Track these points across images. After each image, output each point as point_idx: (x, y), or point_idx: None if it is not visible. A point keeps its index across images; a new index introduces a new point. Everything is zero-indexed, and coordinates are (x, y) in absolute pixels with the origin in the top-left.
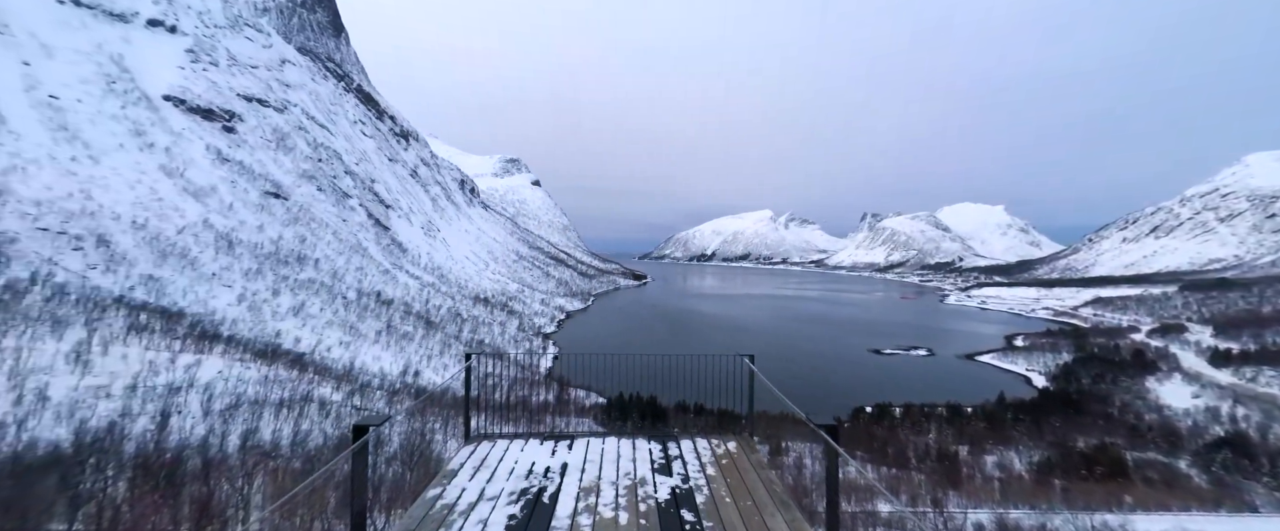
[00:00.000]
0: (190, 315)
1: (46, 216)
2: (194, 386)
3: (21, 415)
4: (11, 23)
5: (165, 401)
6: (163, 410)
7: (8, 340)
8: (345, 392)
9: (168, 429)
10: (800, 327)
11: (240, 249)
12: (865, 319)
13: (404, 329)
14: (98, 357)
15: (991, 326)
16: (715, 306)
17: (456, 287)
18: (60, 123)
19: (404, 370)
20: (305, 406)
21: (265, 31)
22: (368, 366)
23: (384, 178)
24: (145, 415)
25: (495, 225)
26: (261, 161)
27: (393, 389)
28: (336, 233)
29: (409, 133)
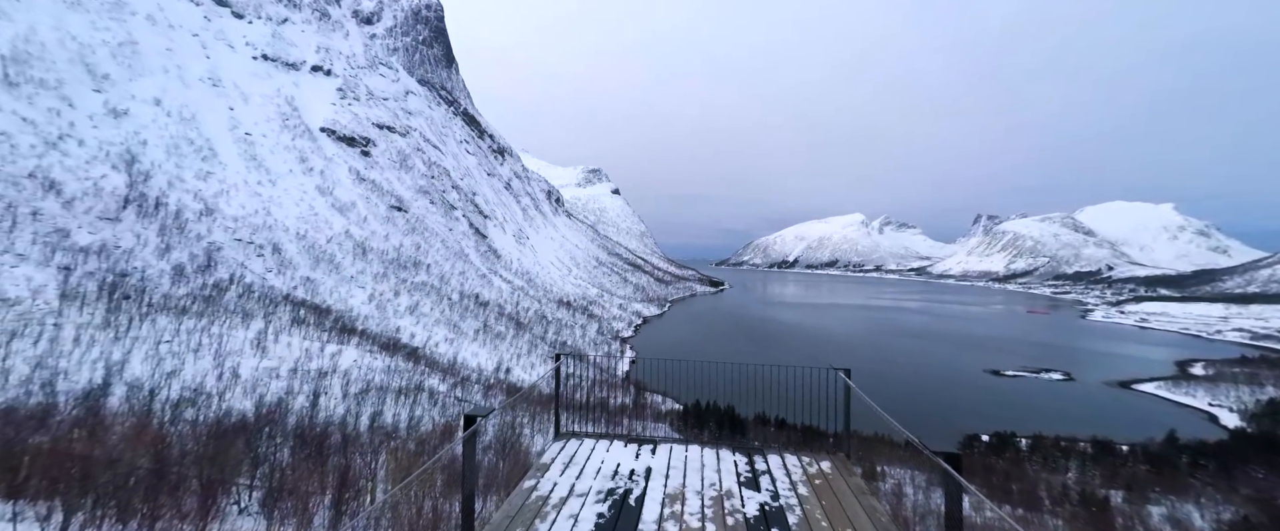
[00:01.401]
0: (335, 311)
1: (241, 230)
2: (336, 372)
3: (222, 388)
4: (224, 78)
5: (316, 383)
6: (314, 391)
7: (215, 327)
8: (449, 384)
9: (318, 407)
10: (899, 342)
11: (371, 255)
12: (981, 335)
13: (498, 329)
14: (271, 344)
15: (1156, 349)
16: (798, 316)
17: (542, 291)
18: (251, 154)
19: (497, 366)
20: (418, 394)
21: (394, 68)
22: (468, 361)
23: (483, 190)
24: (302, 394)
25: (577, 232)
26: (388, 180)
27: (488, 383)
28: (444, 241)
29: (504, 149)
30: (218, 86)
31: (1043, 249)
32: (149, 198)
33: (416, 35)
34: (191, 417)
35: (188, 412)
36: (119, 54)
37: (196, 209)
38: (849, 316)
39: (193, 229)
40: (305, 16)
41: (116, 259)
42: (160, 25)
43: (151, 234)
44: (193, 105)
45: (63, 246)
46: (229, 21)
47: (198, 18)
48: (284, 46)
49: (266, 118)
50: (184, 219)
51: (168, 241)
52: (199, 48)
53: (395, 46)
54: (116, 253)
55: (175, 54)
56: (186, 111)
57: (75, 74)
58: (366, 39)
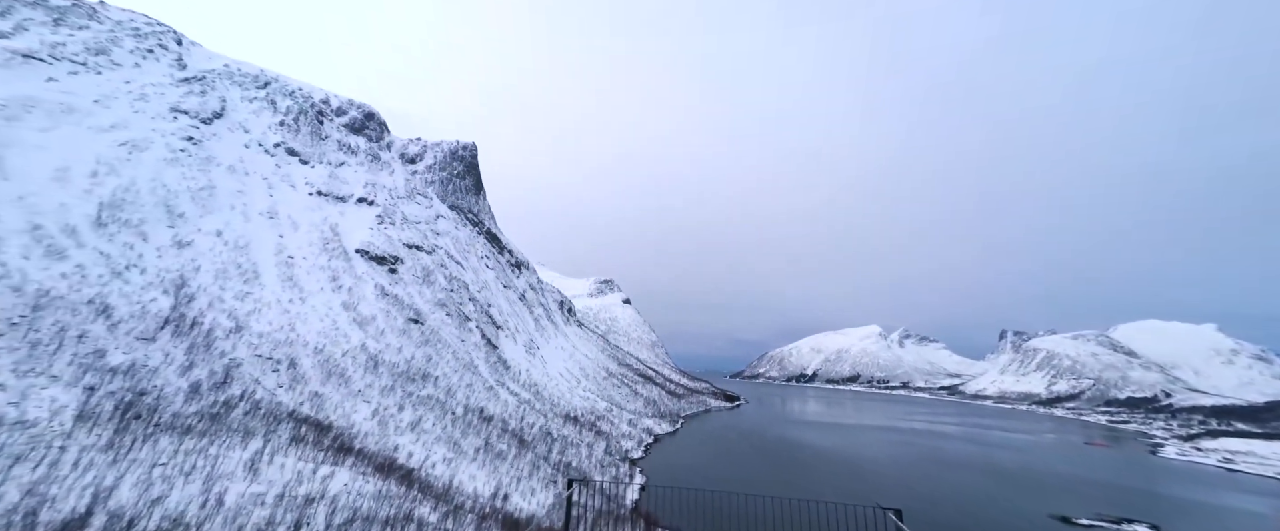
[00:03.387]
0: (336, 428)
1: (263, 345)
2: (324, 498)
3: (201, 519)
4: (280, 211)
5: (300, 512)
6: (296, 521)
7: (213, 448)
8: (440, 514)
9: None
10: (943, 475)
11: (382, 368)
12: (1039, 469)
13: (499, 447)
14: (264, 466)
15: (1257, 500)
16: (825, 438)
17: (549, 405)
18: (289, 275)
19: (495, 492)
20: (406, 526)
21: (429, 197)
22: (464, 485)
23: (499, 302)
24: (284, 525)
25: (588, 342)
26: (410, 294)
27: (483, 512)
28: (455, 352)
29: (522, 263)
30: (274, 219)
31: (1084, 369)
32: (187, 317)
33: (452, 170)
34: None
35: None
36: (197, 196)
37: (228, 326)
38: (882, 441)
39: (219, 346)
40: (360, 160)
41: (139, 378)
42: (237, 172)
43: (179, 352)
44: (248, 235)
45: (95, 367)
46: (295, 167)
47: (270, 165)
48: (338, 184)
49: (310, 243)
50: (213, 336)
51: (192, 359)
52: (266, 189)
53: (432, 179)
54: (142, 371)
55: (244, 194)
56: (241, 240)
57: (156, 214)
58: (408, 174)
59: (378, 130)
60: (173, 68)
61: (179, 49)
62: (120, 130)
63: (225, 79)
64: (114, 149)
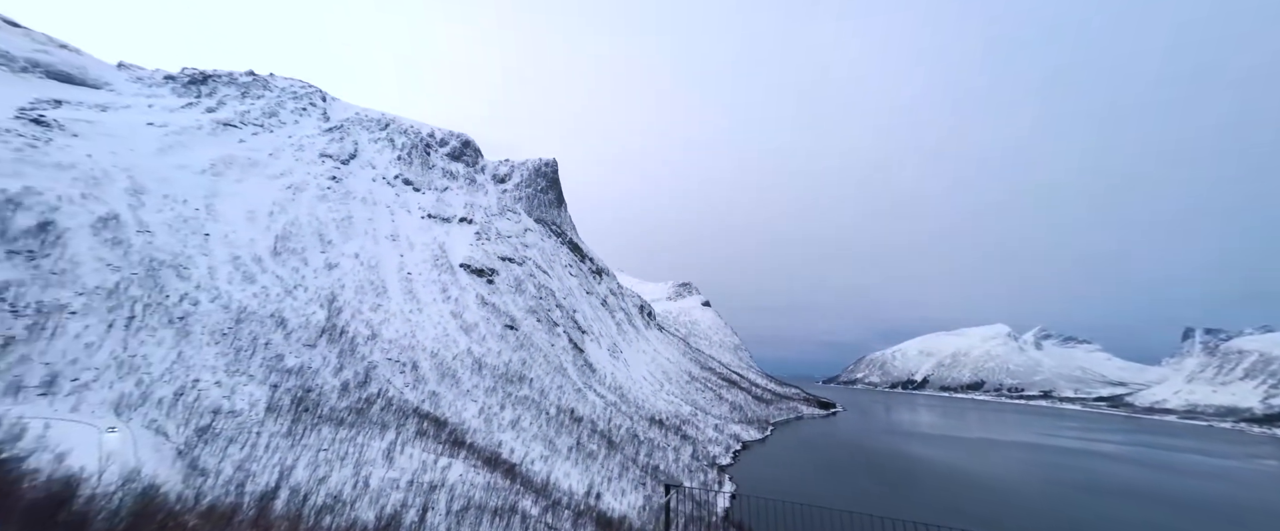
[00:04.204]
0: (451, 424)
1: (392, 350)
2: (444, 485)
3: (354, 497)
4: (400, 234)
5: (426, 497)
6: (423, 504)
7: (359, 437)
8: (541, 508)
9: (424, 523)
10: (1111, 507)
11: (485, 370)
12: (1261, 506)
13: (590, 447)
14: (397, 455)
15: None
16: (945, 453)
17: (634, 408)
18: (409, 289)
19: (588, 490)
20: (511, 516)
21: (518, 213)
22: (560, 482)
23: (583, 307)
24: (413, 508)
25: (669, 345)
26: (505, 302)
27: (578, 509)
28: (546, 356)
29: (602, 269)
30: (396, 240)
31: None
32: (336, 327)
33: (536, 185)
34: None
35: (326, 519)
36: (340, 225)
37: (366, 334)
38: (1021, 461)
39: (360, 350)
40: (460, 183)
41: (306, 377)
42: (367, 203)
43: (333, 356)
44: (377, 255)
45: (277, 368)
46: (410, 194)
47: (391, 195)
48: (443, 206)
49: (423, 259)
50: (356, 342)
51: (341, 362)
52: (388, 215)
53: (519, 196)
54: (308, 372)
55: (373, 221)
56: (373, 260)
57: (312, 242)
58: (500, 193)
59: (473, 155)
60: (320, 121)
61: (324, 104)
62: (287, 176)
63: (357, 125)
64: (283, 191)
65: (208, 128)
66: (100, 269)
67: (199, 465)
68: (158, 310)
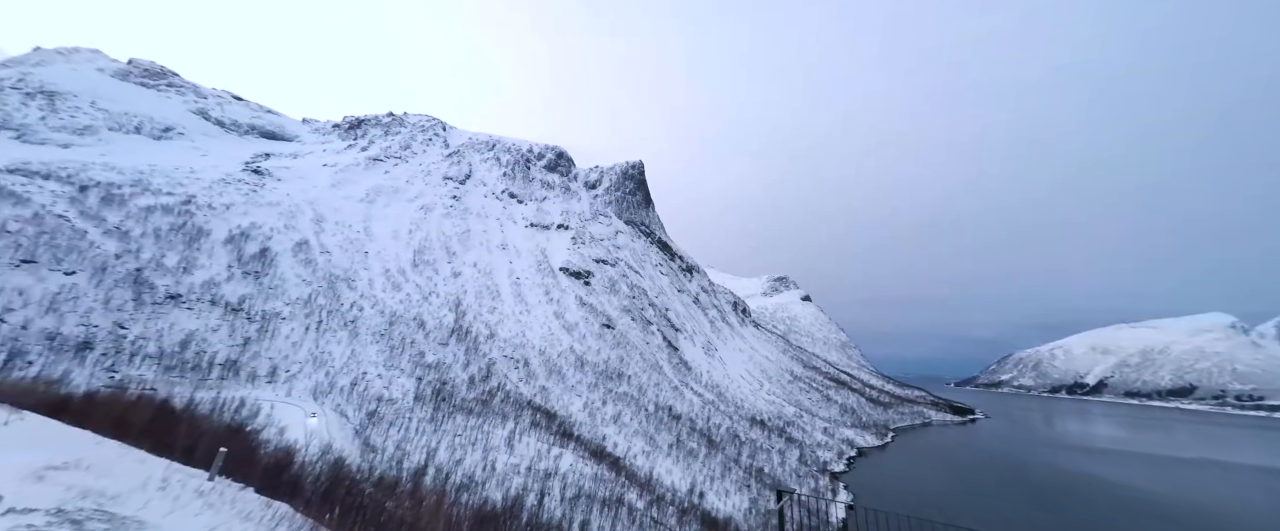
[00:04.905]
0: (559, 417)
1: (507, 348)
2: (557, 474)
3: (484, 478)
4: (508, 243)
5: (543, 484)
6: (541, 490)
7: (485, 426)
8: (646, 502)
9: (542, 507)
10: None
11: (587, 367)
12: None
13: (690, 445)
14: (516, 443)
15: None
16: (1144, 477)
17: (733, 407)
18: (518, 292)
19: (691, 488)
20: (619, 508)
21: (608, 216)
22: (662, 478)
23: (674, 306)
24: (532, 493)
25: (767, 343)
26: (602, 302)
27: (682, 506)
28: (642, 353)
29: (692, 266)
30: (505, 249)
31: None
32: (463, 327)
33: (624, 189)
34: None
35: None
36: (461, 238)
37: (486, 334)
38: (1270, 488)
39: (482, 348)
40: (556, 193)
41: (442, 371)
42: (480, 217)
43: (461, 353)
44: (491, 264)
45: (420, 363)
46: (514, 206)
47: (499, 208)
48: (542, 215)
49: (528, 265)
50: (478, 341)
51: (468, 358)
52: (498, 226)
53: (609, 200)
54: (443, 367)
55: (486, 233)
56: (488, 268)
57: (441, 255)
58: (592, 199)
59: (567, 165)
60: (442, 148)
61: (444, 133)
62: (419, 199)
63: (470, 148)
64: (417, 212)
65: (362, 163)
66: (299, 283)
67: (370, 443)
68: (336, 315)
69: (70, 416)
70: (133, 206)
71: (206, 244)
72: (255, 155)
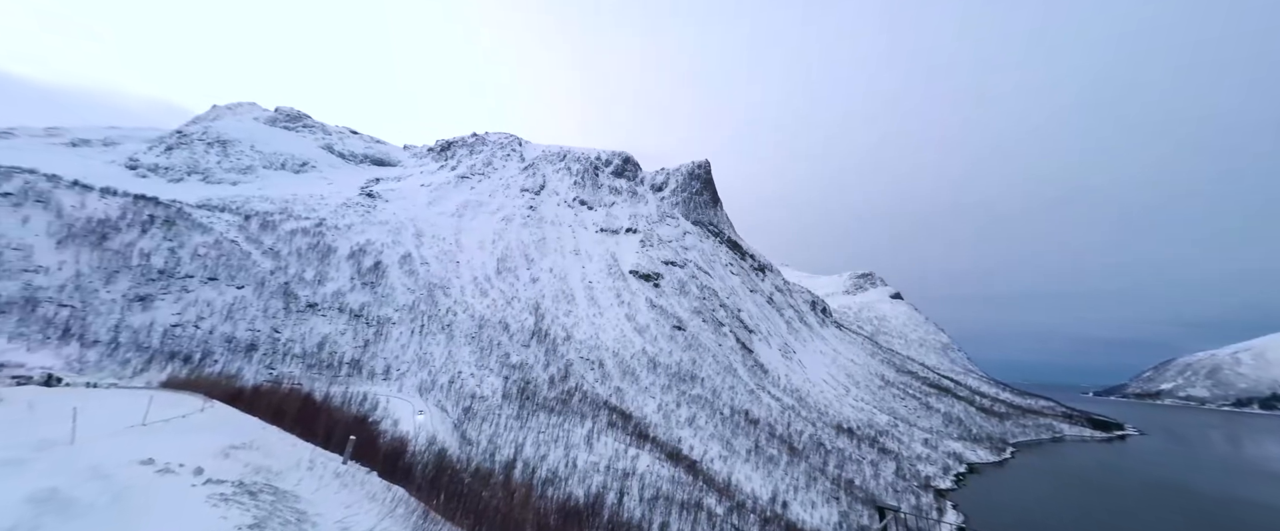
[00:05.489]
0: (635, 418)
1: (583, 349)
2: (635, 474)
3: (567, 474)
4: (580, 248)
5: (622, 483)
6: (620, 490)
7: (566, 424)
8: (726, 508)
9: (622, 505)
10: None
11: (659, 369)
12: None
13: (769, 451)
14: (595, 442)
15: None
16: None
17: (816, 413)
18: (591, 296)
19: (773, 497)
20: (697, 512)
21: (676, 218)
22: (741, 484)
23: (747, 306)
24: (612, 491)
25: (851, 345)
26: (671, 304)
27: (764, 515)
28: (715, 356)
29: (765, 265)
30: (578, 255)
31: None
32: (542, 330)
33: (691, 189)
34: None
35: (549, 490)
36: (537, 246)
37: (563, 336)
38: None
39: (560, 350)
40: (623, 197)
41: (525, 371)
42: (554, 224)
43: (542, 354)
44: (565, 269)
45: (506, 363)
46: (585, 213)
47: (571, 215)
48: (611, 219)
49: (599, 270)
50: (556, 343)
51: (548, 359)
52: (571, 233)
53: (676, 201)
54: (526, 367)
55: (560, 240)
56: (562, 273)
57: (521, 262)
58: (659, 201)
59: (633, 170)
60: (518, 162)
61: (520, 148)
62: (500, 211)
63: (543, 160)
64: (499, 223)
65: (452, 182)
66: (405, 292)
67: (466, 436)
68: (435, 320)
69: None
70: (281, 230)
71: (334, 259)
72: (368, 181)
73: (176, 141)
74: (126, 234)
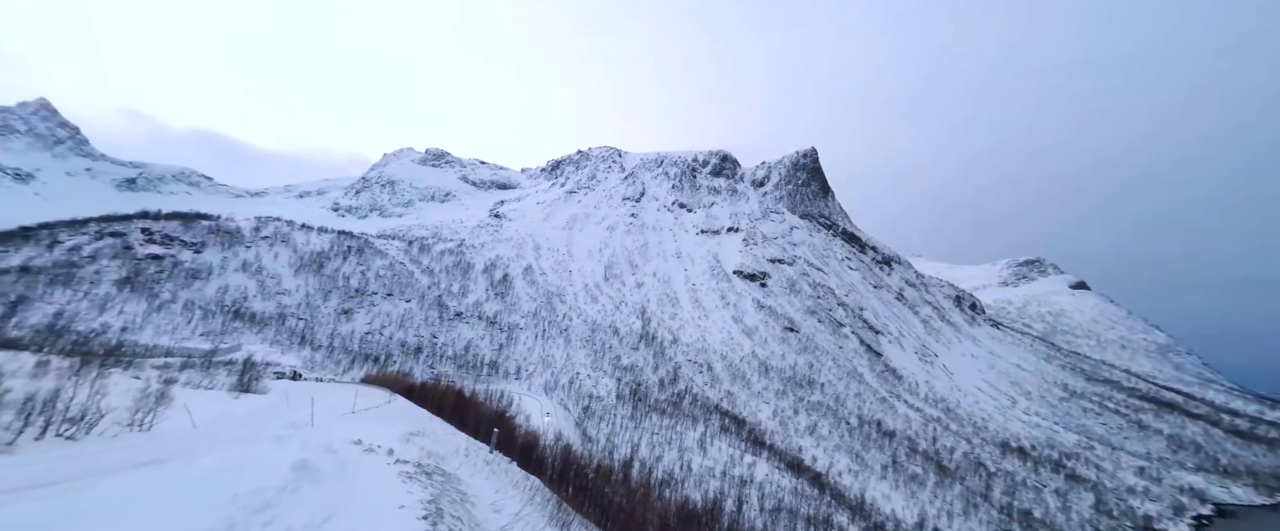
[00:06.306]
0: (748, 423)
1: (690, 352)
2: (753, 482)
3: (682, 476)
4: (682, 251)
5: (739, 490)
6: (738, 497)
7: (678, 427)
8: (861, 528)
9: (742, 514)
10: None
11: (772, 373)
12: None
13: (912, 469)
14: (709, 446)
15: None
16: None
17: (971, 428)
18: (695, 298)
19: (919, 522)
20: (826, 530)
21: (781, 212)
22: (879, 504)
23: (871, 305)
24: (730, 498)
25: (1015, 347)
26: (781, 304)
27: None
28: (835, 359)
29: (890, 258)
30: (680, 257)
31: None
32: (649, 333)
33: (797, 180)
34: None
35: (666, 491)
36: (640, 251)
37: (669, 339)
38: None
39: (667, 353)
40: (723, 196)
41: (636, 373)
42: (655, 230)
43: (650, 357)
44: (668, 272)
45: (618, 366)
46: (685, 215)
47: (671, 219)
48: (712, 220)
49: (702, 271)
50: (663, 346)
51: (657, 362)
52: (671, 237)
53: (780, 195)
54: (636, 369)
55: (661, 244)
56: (665, 276)
57: (626, 268)
58: (760, 196)
59: (732, 167)
60: (619, 172)
61: (620, 158)
62: (605, 220)
63: (642, 168)
64: (604, 232)
65: (562, 197)
66: (527, 300)
67: (588, 434)
68: (553, 325)
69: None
70: (434, 251)
71: (473, 274)
72: (495, 203)
73: (361, 186)
74: (334, 261)
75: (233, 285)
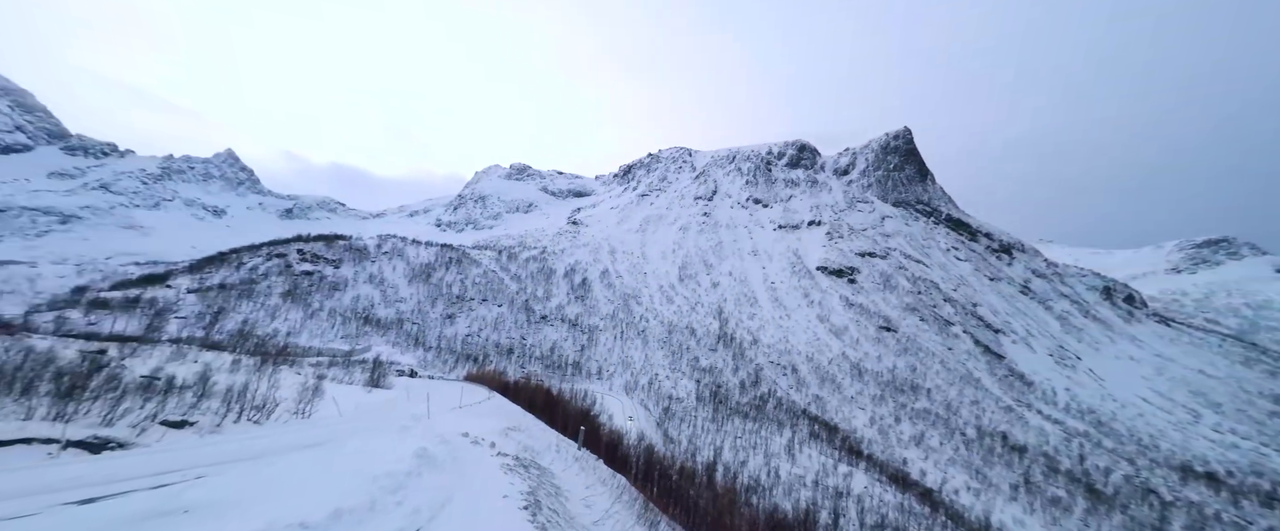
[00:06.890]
0: (842, 430)
1: (772, 354)
2: (850, 494)
3: (770, 484)
4: (759, 248)
5: (835, 502)
6: (834, 509)
7: (762, 431)
8: None
9: (838, 526)
10: None
11: (866, 376)
12: None
13: (1052, 491)
14: (798, 453)
15: None
16: None
17: (1135, 446)
18: (775, 297)
19: None
20: None
21: (870, 201)
22: (1009, 528)
23: (987, 299)
24: (824, 510)
25: (1195, 349)
26: (874, 301)
27: None
28: (943, 362)
29: (1010, 245)
30: (756, 255)
31: None
32: (727, 334)
33: (887, 165)
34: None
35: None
36: (715, 251)
37: (749, 340)
38: None
39: (747, 354)
40: (801, 189)
41: (716, 375)
42: (730, 227)
43: (729, 358)
44: (744, 271)
45: (696, 367)
46: (760, 211)
47: (746, 215)
48: (790, 215)
49: (781, 268)
50: (743, 347)
51: (737, 364)
52: (747, 234)
53: (868, 183)
54: (715, 371)
55: (737, 242)
56: (742, 275)
57: (700, 268)
58: (845, 186)
59: (810, 157)
60: (690, 172)
61: (690, 158)
62: (677, 221)
63: (713, 166)
64: (677, 233)
65: (634, 201)
66: (606, 303)
67: (669, 434)
68: (631, 326)
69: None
70: (520, 259)
71: (555, 279)
72: (572, 211)
73: (457, 203)
74: (439, 271)
75: (363, 295)
